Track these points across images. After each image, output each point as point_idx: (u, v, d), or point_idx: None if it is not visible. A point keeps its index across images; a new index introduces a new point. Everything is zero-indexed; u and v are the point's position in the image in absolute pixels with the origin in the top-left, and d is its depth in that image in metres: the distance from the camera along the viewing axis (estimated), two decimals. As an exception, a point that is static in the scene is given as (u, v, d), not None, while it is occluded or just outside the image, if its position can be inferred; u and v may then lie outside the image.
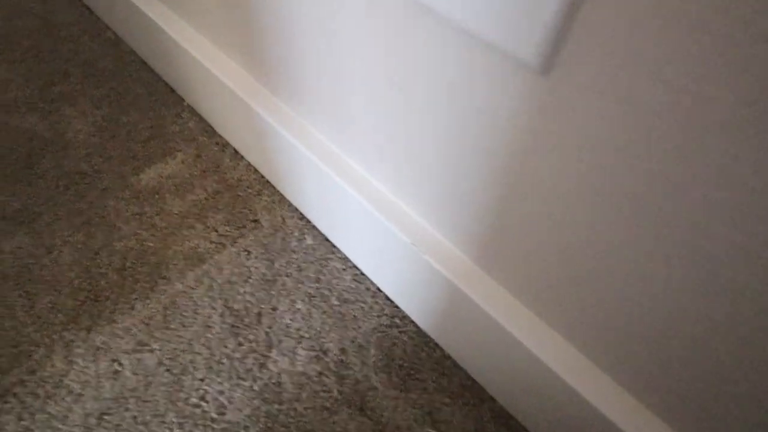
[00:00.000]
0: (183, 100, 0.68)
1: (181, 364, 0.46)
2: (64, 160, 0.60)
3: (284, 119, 0.48)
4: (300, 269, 0.53)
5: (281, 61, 0.43)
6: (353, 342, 0.48)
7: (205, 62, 0.54)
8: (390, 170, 0.39)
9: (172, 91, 0.70)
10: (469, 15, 0.20)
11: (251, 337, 0.48)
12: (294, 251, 0.54)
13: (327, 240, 0.55)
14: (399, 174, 0.38)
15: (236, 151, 0.63)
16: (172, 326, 0.48)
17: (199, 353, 0.47)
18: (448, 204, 0.35)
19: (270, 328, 0.49)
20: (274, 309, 0.50)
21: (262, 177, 0.61)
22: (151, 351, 0.47)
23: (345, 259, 0.54)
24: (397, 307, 0.51)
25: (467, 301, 0.36)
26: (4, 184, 0.57)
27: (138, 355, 0.46)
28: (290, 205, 0.58)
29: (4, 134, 0.62)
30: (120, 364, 0.46)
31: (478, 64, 0.24)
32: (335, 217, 0.50)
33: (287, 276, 0.52)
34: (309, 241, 0.55)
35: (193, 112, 0.67)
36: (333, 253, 0.54)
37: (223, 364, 0.46)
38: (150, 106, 0.67)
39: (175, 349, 0.47)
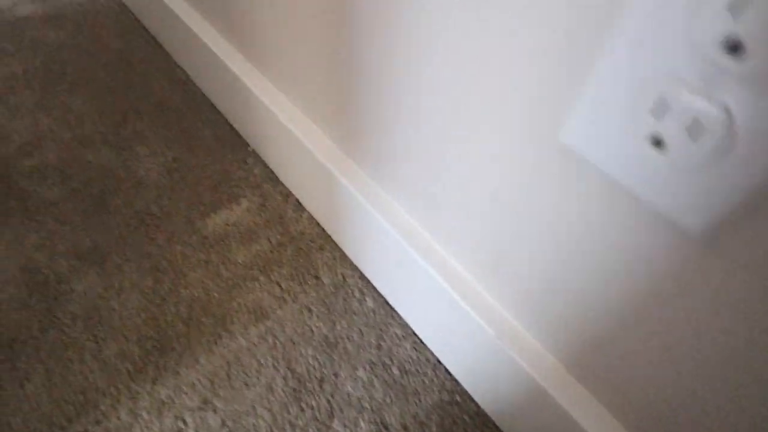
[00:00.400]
0: (248, 144, 0.70)
1: (244, 427, 0.46)
2: (135, 200, 0.61)
3: (365, 189, 0.49)
4: (361, 333, 0.53)
5: (380, 144, 0.44)
6: (415, 418, 0.47)
7: (282, 118, 0.55)
8: (486, 267, 0.39)
9: (238, 135, 0.71)
10: (639, 181, 0.21)
11: (313, 403, 0.48)
12: (355, 313, 0.54)
13: (387, 303, 0.55)
14: (495, 272, 0.38)
15: (299, 203, 0.64)
16: (236, 385, 0.48)
17: (261, 417, 0.46)
18: (548, 312, 0.35)
19: (332, 396, 0.48)
20: (336, 375, 0.50)
21: (324, 231, 0.61)
22: (215, 411, 0.47)
23: (405, 326, 0.54)
24: (457, 382, 0.50)
25: (552, 403, 0.36)
26: (79, 219, 0.58)
27: (202, 414, 0.46)
28: (351, 263, 0.58)
29: (81, 168, 0.63)
30: (184, 423, 0.46)
31: (630, 219, 0.24)
32: (401, 286, 0.50)
33: (348, 340, 0.52)
34: (369, 303, 0.55)
35: (258, 159, 0.68)
36: (393, 318, 0.54)
37: (285, 431, 0.46)
38: (217, 149, 0.69)
39: (238, 410, 0.47)
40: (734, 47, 0.16)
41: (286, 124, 0.55)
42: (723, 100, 0.17)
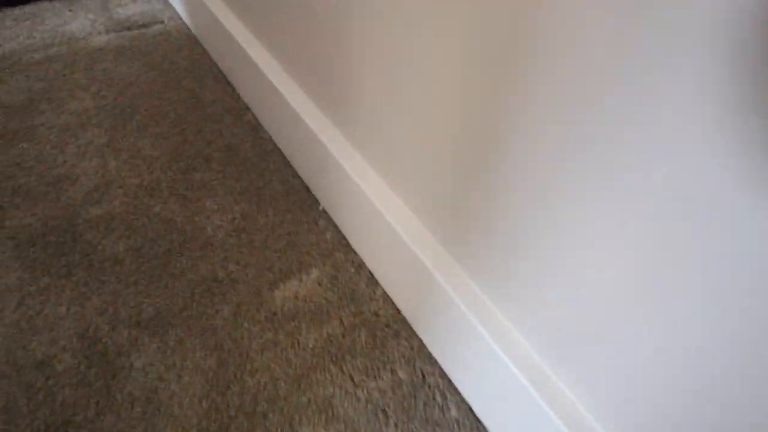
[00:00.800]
0: (318, 203, 0.66)
1: None
2: (200, 262, 0.57)
3: (461, 287, 0.43)
4: (442, 447, 0.47)
5: (488, 242, 0.39)
6: None
7: (369, 194, 0.50)
8: (611, 407, 0.33)
9: (308, 190, 0.67)
10: None
11: None
12: (438, 424, 0.48)
13: (471, 411, 0.49)
14: (620, 411, 0.32)
15: (372, 275, 0.59)
16: (303, 502, 0.43)
17: None
18: None
19: None
20: (415, 500, 0.43)
21: (399, 312, 0.56)
22: None
23: (491, 441, 0.47)
24: None
25: None
26: (143, 282, 0.55)
27: None
28: (430, 355, 0.53)
29: (148, 220, 0.60)
30: None
31: None
32: (493, 401, 0.44)
33: (429, 455, 0.46)
34: (453, 412, 0.49)
35: (329, 221, 0.64)
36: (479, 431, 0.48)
37: None
38: (287, 207, 0.64)
39: None
40: None
41: (374, 201, 0.50)
42: None
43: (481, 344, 0.42)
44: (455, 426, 0.48)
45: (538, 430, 0.39)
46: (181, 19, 0.95)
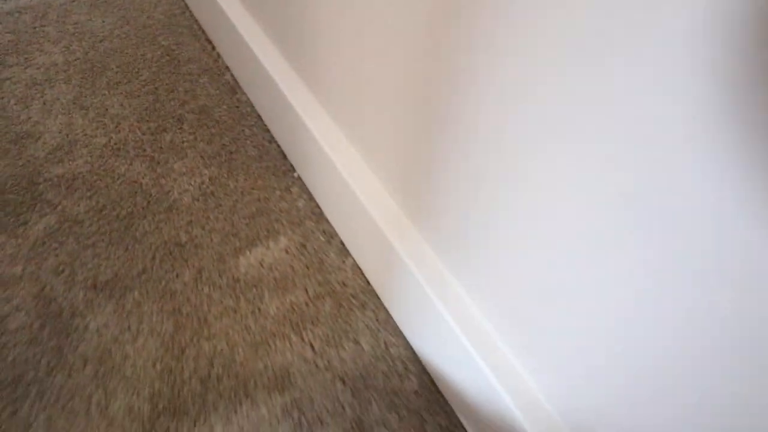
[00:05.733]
0: (293, 169, 0.63)
1: None
2: (164, 225, 0.55)
3: (430, 272, 0.41)
4: (400, 418, 0.46)
5: (458, 230, 0.36)
6: None
7: (336, 161, 0.48)
8: (563, 396, 0.31)
9: (284, 156, 0.65)
10: None
11: (338, 505, 0.41)
12: (396, 394, 0.47)
13: (434, 385, 0.48)
14: (572, 399, 0.30)
15: (343, 245, 0.57)
16: (252, 468, 0.42)
17: None
18: None
19: (360, 498, 0.41)
20: (367, 471, 0.43)
21: (368, 284, 0.54)
22: (226, 498, 0.40)
23: (451, 415, 0.46)
24: (507, 497, 0.43)
25: None
26: (102, 243, 0.53)
27: (210, 500, 0.40)
28: (396, 327, 0.51)
29: (110, 183, 0.58)
30: None
31: None
32: (453, 374, 0.42)
33: (385, 426, 0.45)
34: (414, 383, 0.48)
35: (304, 188, 0.61)
36: (439, 404, 0.47)
37: None
38: (260, 173, 0.62)
39: (251, 500, 0.41)
40: None
41: (340, 170, 0.47)
42: None
43: (435, 315, 0.40)
44: (413, 396, 0.47)
45: (487, 397, 0.37)
46: (161, -27, 0.90)
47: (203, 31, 0.79)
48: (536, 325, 0.32)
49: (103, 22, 0.78)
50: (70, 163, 0.59)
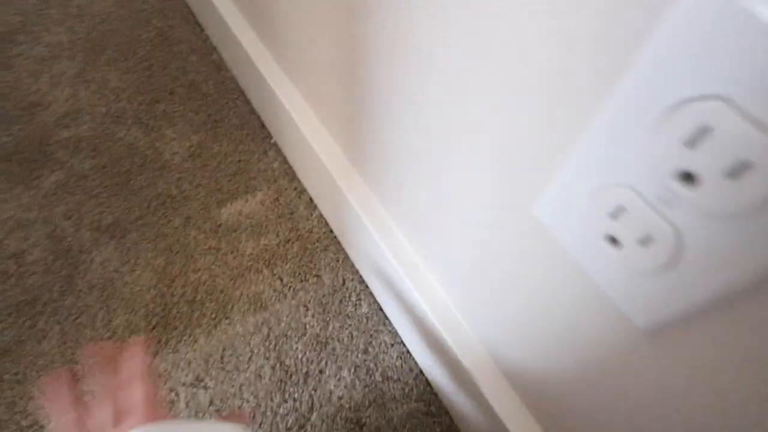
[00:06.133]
0: (271, 137, 0.73)
1: (229, 407, 0.49)
2: (157, 181, 0.65)
3: (366, 203, 0.51)
4: (351, 336, 0.56)
5: (382, 165, 0.46)
6: (389, 423, 0.50)
7: (296, 119, 0.57)
8: (468, 306, 0.41)
9: (263, 125, 0.74)
10: (594, 268, 0.22)
11: (296, 395, 0.51)
12: (349, 316, 0.57)
13: (381, 310, 0.58)
14: (474, 310, 0.40)
15: (311, 200, 0.66)
16: (228, 368, 0.52)
17: (246, 400, 0.50)
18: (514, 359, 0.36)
19: (314, 390, 0.52)
20: (321, 372, 0.53)
21: (331, 232, 0.64)
22: (206, 388, 0.50)
23: (394, 334, 0.56)
24: (435, 395, 0.53)
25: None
26: (104, 194, 0.62)
27: (193, 390, 0.50)
28: (353, 266, 0.61)
29: (111, 145, 0.67)
30: (177, 395, 0.50)
31: (586, 297, 0.25)
32: (391, 297, 0.52)
33: (338, 341, 0.55)
34: (364, 308, 0.58)
35: (279, 152, 0.71)
36: (384, 325, 0.57)
37: (266, 416, 0.49)
38: (241, 139, 0.71)
39: (226, 391, 0.51)
40: (687, 177, 0.18)
41: (299, 124, 0.57)
42: (674, 220, 0.18)
43: (371, 241, 0.50)
44: (364, 319, 0.57)
45: (416, 317, 0.47)
46: (155, -39, 0.98)
47: (193, 15, 0.88)
48: (432, 232, 0.41)
49: (102, 5, 0.86)
50: (76, 128, 0.68)
